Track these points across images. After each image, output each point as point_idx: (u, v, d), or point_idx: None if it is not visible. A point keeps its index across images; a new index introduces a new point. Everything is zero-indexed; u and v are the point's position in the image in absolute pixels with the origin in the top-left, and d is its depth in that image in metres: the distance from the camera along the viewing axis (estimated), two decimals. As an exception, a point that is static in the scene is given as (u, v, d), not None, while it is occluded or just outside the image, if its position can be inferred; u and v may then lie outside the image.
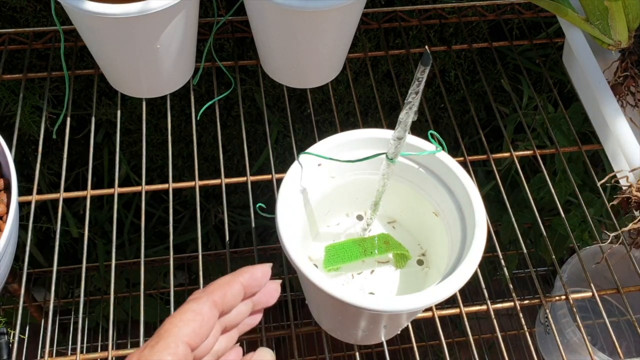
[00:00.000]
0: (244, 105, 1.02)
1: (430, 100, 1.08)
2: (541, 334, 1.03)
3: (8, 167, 0.59)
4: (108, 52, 0.67)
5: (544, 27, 0.88)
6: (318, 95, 1.02)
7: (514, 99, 0.82)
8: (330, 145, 0.56)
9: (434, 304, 0.49)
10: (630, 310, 0.65)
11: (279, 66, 0.74)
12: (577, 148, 0.76)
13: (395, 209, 0.63)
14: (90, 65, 0.79)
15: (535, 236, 1.09)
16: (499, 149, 1.04)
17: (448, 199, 0.56)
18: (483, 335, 1.13)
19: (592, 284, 0.66)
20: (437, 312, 0.63)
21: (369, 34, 0.93)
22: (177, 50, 0.68)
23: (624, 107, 0.69)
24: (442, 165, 0.56)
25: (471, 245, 0.50)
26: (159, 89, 0.73)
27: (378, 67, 1.00)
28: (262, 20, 0.67)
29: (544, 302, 0.65)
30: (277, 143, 1.08)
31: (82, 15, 0.59)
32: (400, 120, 0.46)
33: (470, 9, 0.87)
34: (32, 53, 0.87)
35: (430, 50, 0.84)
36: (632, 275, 0.69)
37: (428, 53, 0.39)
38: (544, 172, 0.73)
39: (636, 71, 0.70)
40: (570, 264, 0.94)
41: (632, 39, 0.71)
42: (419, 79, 0.41)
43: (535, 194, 0.98)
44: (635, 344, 1.00)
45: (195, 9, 0.67)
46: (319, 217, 0.61)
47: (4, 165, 0.60)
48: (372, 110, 1.08)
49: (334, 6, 0.61)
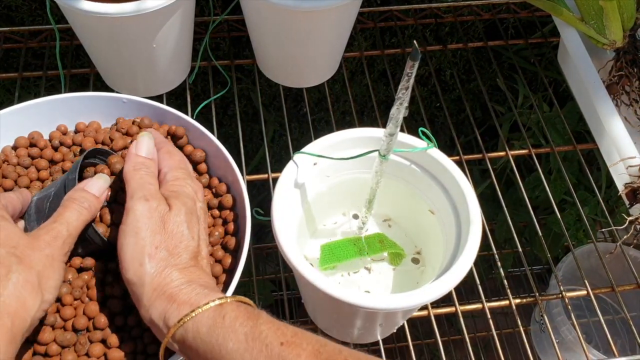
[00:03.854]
0: (240, 104, 1.02)
1: (426, 99, 1.08)
2: (536, 332, 1.03)
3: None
4: (104, 51, 0.67)
5: (539, 27, 0.89)
6: (314, 95, 1.02)
7: (509, 98, 0.82)
8: (325, 144, 0.56)
9: (429, 302, 0.49)
10: (625, 309, 0.65)
11: (275, 65, 0.74)
12: (572, 147, 0.76)
13: (390, 208, 0.64)
14: (86, 64, 0.79)
15: (531, 235, 1.09)
16: (494, 148, 1.04)
17: (443, 197, 0.56)
18: (478, 334, 1.13)
19: (587, 282, 0.66)
20: (432, 310, 0.63)
21: (365, 33, 0.93)
22: (173, 49, 0.68)
23: (618, 106, 0.70)
24: (436, 164, 0.56)
25: (466, 244, 0.51)
26: (155, 88, 0.72)
27: (374, 66, 1.00)
28: (258, 20, 0.68)
29: (539, 300, 0.65)
30: (273, 142, 1.08)
31: (77, 14, 0.59)
32: (391, 117, 0.46)
33: (466, 8, 0.87)
34: (28, 52, 0.87)
35: (426, 49, 0.84)
36: (626, 274, 0.69)
37: (416, 48, 0.39)
38: (539, 171, 0.74)
39: (631, 70, 0.70)
40: (565, 262, 0.94)
41: (627, 38, 0.71)
42: (408, 74, 0.41)
43: (530, 192, 0.99)
44: (629, 342, 1.00)
45: (191, 8, 0.67)
46: (315, 216, 0.62)
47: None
48: (368, 109, 1.08)
49: (329, 6, 0.61)
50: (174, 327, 0.38)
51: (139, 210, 0.42)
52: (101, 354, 0.42)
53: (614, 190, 0.97)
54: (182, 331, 0.38)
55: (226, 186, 0.52)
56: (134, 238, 0.41)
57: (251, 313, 0.39)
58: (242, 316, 0.38)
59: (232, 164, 0.51)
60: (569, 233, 0.96)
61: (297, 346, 0.37)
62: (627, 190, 0.64)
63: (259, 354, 0.36)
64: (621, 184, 0.65)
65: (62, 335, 0.41)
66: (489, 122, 1.11)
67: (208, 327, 0.38)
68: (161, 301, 0.39)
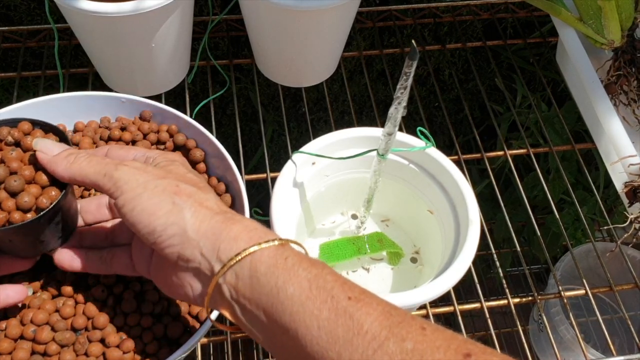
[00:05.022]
0: (238, 104, 1.02)
1: (425, 99, 1.08)
2: (535, 331, 1.03)
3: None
4: (102, 51, 0.67)
5: (537, 26, 0.89)
6: (313, 94, 1.02)
7: (507, 97, 0.82)
8: (324, 143, 0.56)
9: (428, 301, 0.49)
10: (623, 308, 0.65)
11: (273, 65, 0.74)
12: (571, 147, 0.76)
13: (389, 208, 0.64)
14: (85, 64, 0.79)
15: (529, 234, 1.09)
16: (493, 147, 1.05)
17: (441, 197, 0.56)
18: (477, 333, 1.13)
19: (585, 282, 0.66)
20: (431, 309, 0.63)
21: (364, 32, 0.93)
22: (172, 49, 0.68)
23: (616, 105, 0.70)
24: (435, 163, 0.56)
25: (465, 243, 0.51)
26: (153, 88, 0.72)
27: (373, 66, 1.00)
28: (256, 19, 0.68)
29: (538, 299, 0.65)
30: (272, 142, 1.08)
31: (76, 13, 0.59)
32: (389, 116, 0.46)
33: (465, 8, 0.87)
34: (26, 51, 0.87)
35: (425, 49, 0.84)
36: (625, 273, 0.69)
37: (415, 47, 0.39)
38: (537, 170, 0.74)
39: (629, 70, 0.70)
40: (563, 261, 0.95)
41: (625, 38, 0.71)
42: (406, 74, 0.41)
43: (529, 192, 0.99)
44: (627, 341, 1.00)
45: (189, 8, 0.67)
46: (314, 215, 0.62)
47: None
48: (367, 108, 1.08)
49: (328, 5, 0.61)
50: (232, 260, 0.34)
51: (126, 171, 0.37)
52: (100, 353, 0.42)
53: (612, 190, 0.97)
54: (238, 268, 0.34)
55: (225, 186, 0.52)
56: (145, 191, 0.36)
57: (315, 261, 0.34)
58: (305, 262, 0.34)
59: (230, 163, 0.51)
60: (567, 232, 0.96)
61: (367, 304, 0.32)
62: (626, 189, 0.64)
63: (322, 304, 0.32)
64: (620, 183, 0.65)
65: (61, 335, 0.41)
66: (488, 122, 1.11)
67: (267, 267, 0.33)
68: (208, 238, 0.35)
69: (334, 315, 0.32)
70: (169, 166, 0.40)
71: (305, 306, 0.32)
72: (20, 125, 0.41)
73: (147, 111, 0.55)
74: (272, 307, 0.33)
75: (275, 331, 0.33)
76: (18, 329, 0.41)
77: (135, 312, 0.44)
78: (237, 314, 0.35)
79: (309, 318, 0.32)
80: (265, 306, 0.33)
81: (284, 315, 0.33)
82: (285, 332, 0.33)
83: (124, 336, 0.43)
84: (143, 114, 0.55)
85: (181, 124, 0.54)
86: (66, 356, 0.41)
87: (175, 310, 0.45)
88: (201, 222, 0.35)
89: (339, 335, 0.31)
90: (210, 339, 0.61)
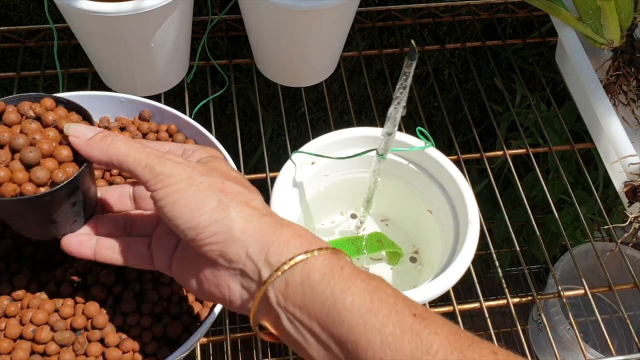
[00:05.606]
0: (238, 104, 1.02)
1: (424, 98, 1.08)
2: (534, 331, 1.03)
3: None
4: (101, 51, 0.67)
5: (537, 26, 0.89)
6: (312, 94, 1.02)
7: (507, 97, 0.82)
8: (323, 143, 0.56)
9: (427, 301, 0.49)
10: (623, 308, 0.65)
11: (273, 65, 0.74)
12: (570, 146, 0.76)
13: (388, 208, 0.64)
14: (84, 64, 0.79)
15: (528, 234, 1.09)
16: (492, 147, 1.05)
17: (441, 197, 0.56)
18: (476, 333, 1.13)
19: (585, 282, 0.66)
20: (430, 309, 0.63)
21: (363, 32, 0.93)
22: (171, 48, 0.68)
23: (616, 105, 0.70)
24: (434, 163, 0.56)
25: (464, 243, 0.51)
26: (153, 88, 0.72)
27: (372, 66, 1.00)
28: (256, 19, 0.68)
29: (537, 299, 0.65)
30: (271, 141, 1.08)
31: (75, 13, 0.59)
32: (389, 116, 0.46)
33: (464, 8, 0.87)
34: (25, 51, 0.87)
35: (424, 49, 0.84)
36: (624, 273, 0.69)
37: (414, 47, 0.39)
38: (537, 170, 0.74)
39: (628, 70, 0.70)
40: (562, 261, 0.95)
41: (624, 38, 0.71)
42: (406, 73, 0.41)
43: (528, 192, 0.99)
44: (627, 341, 1.00)
45: (189, 8, 0.67)
46: (313, 215, 0.62)
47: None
48: (366, 108, 1.08)
49: (327, 5, 0.61)
50: (284, 264, 0.32)
51: (169, 165, 0.35)
52: (99, 353, 0.42)
53: (612, 190, 0.97)
54: (289, 274, 0.32)
55: None
56: (189, 186, 0.34)
57: (371, 273, 0.33)
58: (362, 273, 0.32)
59: (230, 163, 0.51)
60: (566, 232, 0.96)
61: (433, 323, 0.31)
62: (626, 189, 0.64)
63: (386, 318, 0.30)
64: (619, 182, 0.65)
65: (61, 335, 0.41)
66: (487, 122, 1.11)
67: (322, 275, 0.32)
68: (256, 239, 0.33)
69: (399, 330, 0.30)
70: (212, 162, 0.38)
71: (367, 319, 0.30)
72: (43, 101, 0.40)
73: (146, 111, 0.55)
74: (328, 317, 0.31)
75: (330, 343, 0.32)
76: (17, 328, 0.41)
77: (135, 312, 0.44)
78: (281, 322, 0.33)
79: (371, 332, 0.30)
80: (320, 316, 0.32)
81: (342, 327, 0.31)
82: (342, 344, 0.31)
83: (123, 336, 0.43)
84: (142, 113, 0.55)
85: (180, 123, 0.54)
86: (65, 356, 0.41)
87: (175, 310, 0.45)
88: (248, 222, 0.34)
89: (405, 352, 0.30)
90: (210, 338, 0.61)
